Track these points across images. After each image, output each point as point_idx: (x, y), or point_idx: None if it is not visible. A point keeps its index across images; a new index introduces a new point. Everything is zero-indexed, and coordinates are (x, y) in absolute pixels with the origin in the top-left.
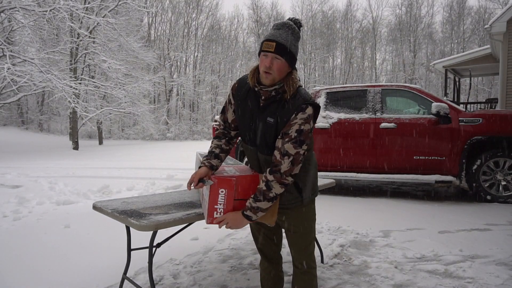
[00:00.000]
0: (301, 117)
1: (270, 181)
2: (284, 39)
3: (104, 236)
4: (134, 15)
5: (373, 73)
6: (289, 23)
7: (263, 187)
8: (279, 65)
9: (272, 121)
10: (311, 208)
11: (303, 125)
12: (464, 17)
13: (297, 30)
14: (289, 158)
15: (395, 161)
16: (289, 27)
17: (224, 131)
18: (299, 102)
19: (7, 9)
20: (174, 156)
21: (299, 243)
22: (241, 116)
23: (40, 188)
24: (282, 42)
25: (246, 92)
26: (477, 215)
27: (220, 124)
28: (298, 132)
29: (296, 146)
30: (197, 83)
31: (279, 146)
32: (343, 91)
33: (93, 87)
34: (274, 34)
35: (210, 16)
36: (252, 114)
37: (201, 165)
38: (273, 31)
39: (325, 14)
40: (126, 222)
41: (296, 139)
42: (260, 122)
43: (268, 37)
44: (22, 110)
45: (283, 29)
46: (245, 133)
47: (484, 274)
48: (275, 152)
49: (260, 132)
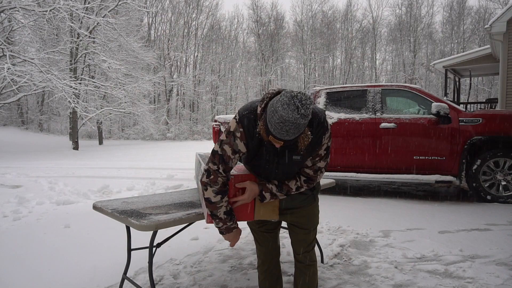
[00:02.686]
0: (327, 137)
1: (301, 189)
2: (292, 135)
3: (104, 236)
4: (134, 15)
5: (373, 73)
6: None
7: (294, 189)
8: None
9: (299, 158)
10: (317, 204)
11: (329, 142)
12: (464, 17)
13: (306, 120)
14: (321, 171)
15: (395, 161)
16: (296, 123)
17: (226, 179)
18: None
19: (7, 9)
20: (174, 156)
21: (307, 238)
22: (258, 158)
23: (40, 188)
24: (291, 139)
25: (258, 141)
26: (477, 215)
27: (222, 174)
28: (326, 150)
29: (326, 159)
30: (197, 83)
31: (309, 165)
32: (343, 91)
33: (93, 87)
34: (282, 133)
35: (210, 16)
36: (270, 155)
37: (232, 230)
38: (281, 125)
39: (325, 14)
40: (126, 222)
41: (326, 155)
42: (283, 161)
43: (274, 134)
44: (22, 110)
45: (291, 123)
46: (262, 173)
47: (484, 274)
48: (308, 170)
49: (283, 169)
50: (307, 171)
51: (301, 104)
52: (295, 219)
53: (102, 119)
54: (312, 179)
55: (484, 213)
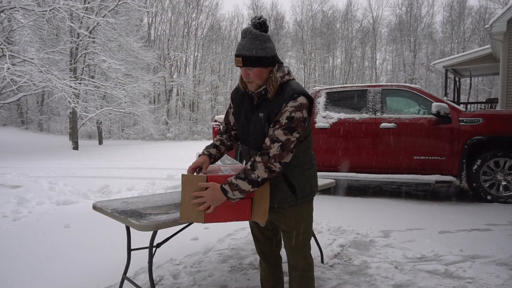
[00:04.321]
0: (291, 105)
1: (257, 162)
2: (248, 50)
3: (104, 236)
4: (134, 15)
5: (373, 73)
6: (249, 30)
7: (248, 166)
8: (255, 73)
9: (262, 115)
10: (306, 208)
11: (294, 113)
12: (465, 17)
13: (260, 33)
14: (279, 143)
15: (395, 161)
16: (251, 34)
17: (226, 129)
18: (291, 93)
19: (7, 9)
20: (174, 156)
21: (293, 244)
22: (237, 117)
23: (40, 188)
24: (247, 55)
25: (242, 95)
26: (477, 215)
27: (223, 126)
28: (288, 119)
29: (287, 132)
30: (197, 83)
31: (269, 133)
32: (343, 91)
33: (93, 87)
34: (239, 47)
35: (210, 16)
36: (246, 113)
37: (200, 154)
38: (239, 42)
39: (325, 14)
40: (126, 222)
41: (287, 125)
42: (253, 119)
43: (235, 52)
44: (22, 110)
45: (246, 37)
46: (240, 133)
47: (485, 274)
48: (266, 139)
49: (251, 128)
50: (265, 140)
51: (254, 18)
52: (276, 217)
53: (102, 119)
54: (266, 149)
55: (484, 213)
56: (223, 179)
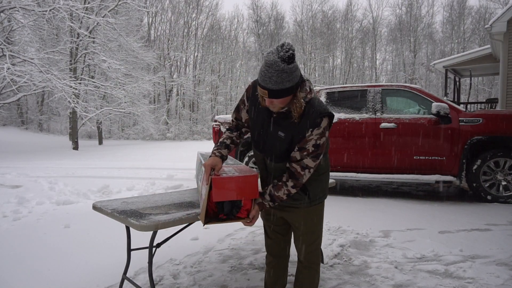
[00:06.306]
0: (316, 133)
1: (292, 193)
2: (275, 84)
3: (104, 236)
4: (134, 15)
5: (373, 73)
6: (277, 64)
7: (284, 197)
8: (279, 102)
9: (283, 136)
10: (318, 209)
11: (319, 140)
12: (465, 17)
13: (287, 67)
14: (309, 169)
15: (395, 161)
16: (278, 67)
17: (237, 125)
18: (314, 116)
19: (7, 9)
20: (174, 156)
21: (302, 239)
22: (253, 119)
23: (40, 188)
24: (273, 89)
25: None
26: (477, 215)
27: (233, 120)
28: (315, 147)
29: (315, 159)
30: (197, 83)
31: (297, 159)
32: (343, 91)
33: (93, 87)
34: (265, 79)
35: (210, 16)
36: (263, 122)
37: (211, 155)
38: (264, 71)
39: (325, 14)
40: (126, 222)
41: (315, 153)
42: (271, 133)
43: (260, 82)
44: (22, 110)
45: (272, 68)
46: (255, 137)
47: (485, 274)
48: (295, 164)
49: (269, 142)
50: (294, 165)
51: (281, 48)
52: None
53: (102, 119)
54: (298, 180)
55: (484, 213)
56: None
